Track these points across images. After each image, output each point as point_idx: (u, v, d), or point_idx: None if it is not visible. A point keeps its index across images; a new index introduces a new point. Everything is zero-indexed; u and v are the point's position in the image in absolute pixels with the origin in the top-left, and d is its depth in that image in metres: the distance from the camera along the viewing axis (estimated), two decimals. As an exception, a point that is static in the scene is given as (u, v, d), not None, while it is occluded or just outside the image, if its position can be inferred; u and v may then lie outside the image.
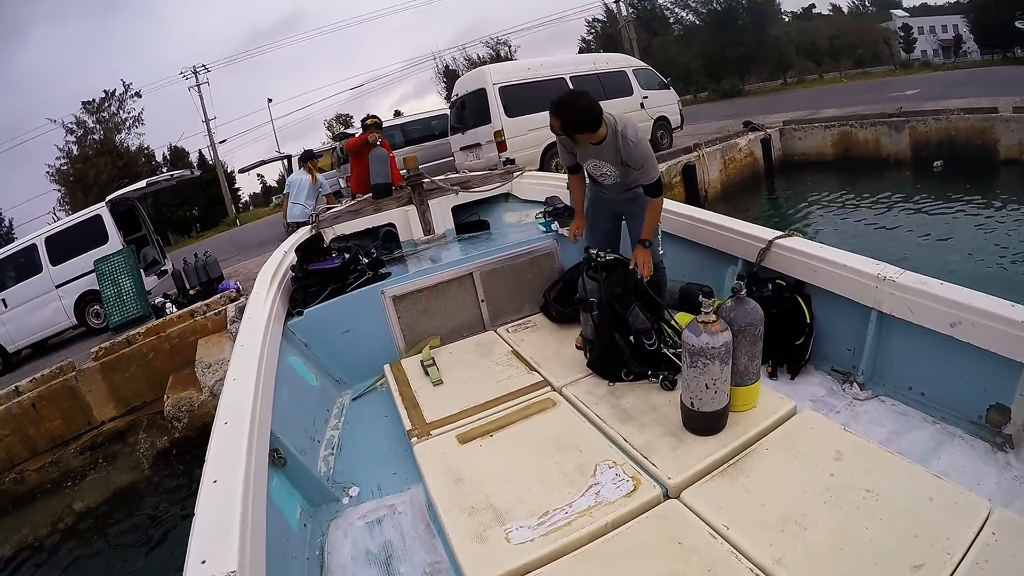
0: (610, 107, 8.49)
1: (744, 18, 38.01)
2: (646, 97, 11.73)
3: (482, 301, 3.71)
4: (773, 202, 11.49)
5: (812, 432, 2.07)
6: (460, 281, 3.65)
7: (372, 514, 2.23)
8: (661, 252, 3.05)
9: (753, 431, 2.11)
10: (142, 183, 10.56)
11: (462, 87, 10.99)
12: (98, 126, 35.68)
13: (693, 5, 39.59)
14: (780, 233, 2.92)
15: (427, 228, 4.73)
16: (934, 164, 10.49)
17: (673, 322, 2.66)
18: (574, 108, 2.71)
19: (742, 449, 2.04)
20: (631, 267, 2.83)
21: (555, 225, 3.86)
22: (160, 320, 7.70)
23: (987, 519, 1.59)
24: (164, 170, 38.50)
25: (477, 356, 3.21)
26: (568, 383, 2.70)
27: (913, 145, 11.03)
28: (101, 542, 5.74)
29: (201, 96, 34.07)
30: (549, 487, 2.01)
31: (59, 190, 35.33)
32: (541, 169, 9.95)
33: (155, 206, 34.13)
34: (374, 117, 6.24)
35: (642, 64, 12.65)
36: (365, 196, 5.23)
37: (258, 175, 17.21)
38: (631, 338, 2.61)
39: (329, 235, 4.78)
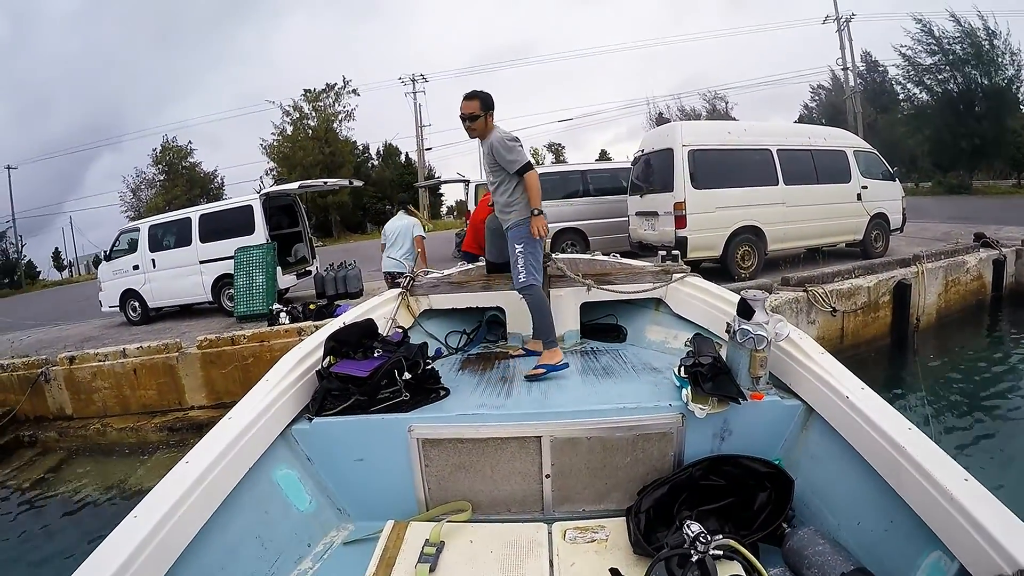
0: (820, 194, 7.49)
1: (982, 104, 32.76)
2: (865, 187, 9.77)
3: (546, 477, 2.55)
4: (994, 343, 8.98)
5: None
6: (521, 443, 2.52)
7: None
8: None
9: None
10: (294, 184, 10.97)
11: (649, 143, 9.67)
12: (313, 113, 39.47)
13: (928, 82, 34.89)
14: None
15: None
16: None
17: None
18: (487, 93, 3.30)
19: None
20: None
21: (687, 394, 2.51)
22: (268, 329, 7.49)
23: None
24: (374, 164, 42.85)
25: (501, 569, 2.12)
26: None
27: None
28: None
29: (416, 103, 36.84)
30: None
31: (268, 163, 39.61)
32: (723, 260, 8.60)
33: (355, 196, 37.07)
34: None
35: (866, 146, 10.64)
36: (475, 264, 4.26)
37: (464, 183, 17.92)
38: None
39: (423, 305, 3.94)
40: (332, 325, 3.08)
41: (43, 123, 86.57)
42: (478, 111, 3.23)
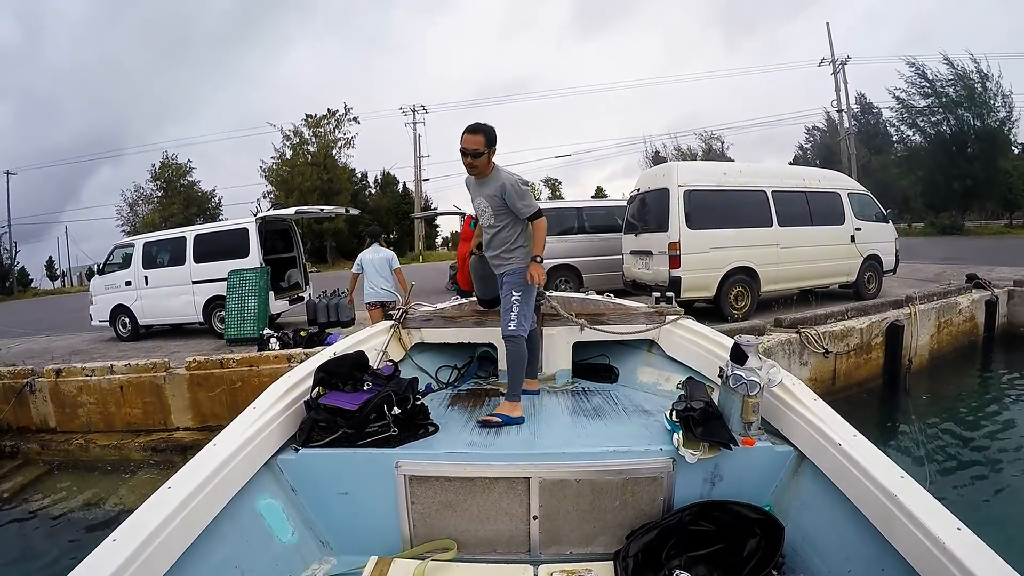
0: (814, 236, 7.42)
1: (974, 145, 33.25)
2: (859, 229, 9.84)
3: (534, 518, 2.51)
4: (986, 384, 8.95)
5: None
6: (509, 483, 2.51)
7: None
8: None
9: None
10: (291, 210, 11.02)
11: (645, 182, 9.65)
12: (313, 139, 39.79)
13: (921, 124, 35.48)
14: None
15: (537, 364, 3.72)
16: None
17: None
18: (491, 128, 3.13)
19: None
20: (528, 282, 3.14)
21: (678, 438, 2.47)
22: (258, 354, 7.43)
23: None
24: (371, 192, 43.02)
25: None
26: None
27: None
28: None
29: (416, 133, 37.45)
30: None
31: (266, 186, 39.79)
32: (717, 300, 8.59)
33: (351, 223, 37.26)
34: None
35: (859, 188, 10.71)
36: (468, 299, 4.26)
37: (460, 216, 17.89)
38: None
39: (414, 338, 3.94)
40: (322, 355, 3.07)
41: (46, 131, 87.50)
42: (482, 147, 3.06)
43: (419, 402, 2.72)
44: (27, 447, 7.32)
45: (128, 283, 10.48)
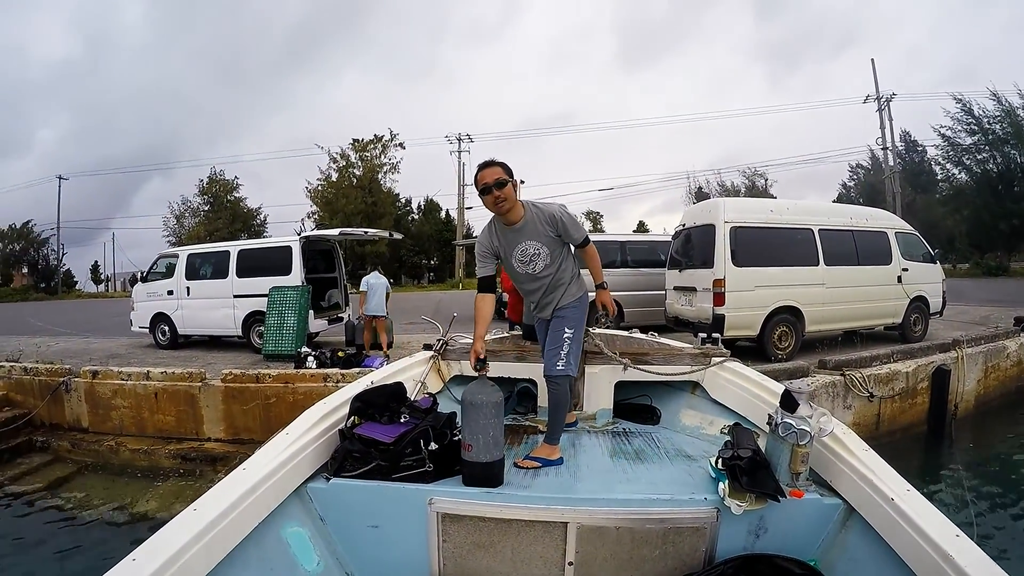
0: (861, 276, 7.17)
1: (1022, 184, 32.18)
2: (906, 270, 9.56)
3: (569, 564, 2.42)
4: None
5: None
6: (546, 527, 2.42)
7: None
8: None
9: None
10: (335, 231, 11.16)
11: (690, 218, 9.59)
12: (360, 162, 40.56)
13: (967, 162, 34.60)
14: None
15: (575, 400, 3.62)
16: None
17: None
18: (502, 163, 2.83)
19: None
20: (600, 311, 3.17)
21: (724, 488, 2.39)
22: (295, 372, 7.47)
23: None
24: (414, 217, 44.34)
25: None
26: None
27: None
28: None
29: (460, 162, 38.24)
30: None
31: (311, 206, 40.61)
32: (760, 339, 8.41)
33: (393, 247, 37.73)
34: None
35: (907, 227, 10.38)
36: (511, 333, 4.20)
37: None
38: None
39: (453, 370, 3.88)
40: (359, 384, 3.04)
41: (104, 141, 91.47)
42: (504, 176, 2.77)
43: (456, 438, 2.65)
44: (58, 444, 7.47)
45: (170, 292, 10.73)
